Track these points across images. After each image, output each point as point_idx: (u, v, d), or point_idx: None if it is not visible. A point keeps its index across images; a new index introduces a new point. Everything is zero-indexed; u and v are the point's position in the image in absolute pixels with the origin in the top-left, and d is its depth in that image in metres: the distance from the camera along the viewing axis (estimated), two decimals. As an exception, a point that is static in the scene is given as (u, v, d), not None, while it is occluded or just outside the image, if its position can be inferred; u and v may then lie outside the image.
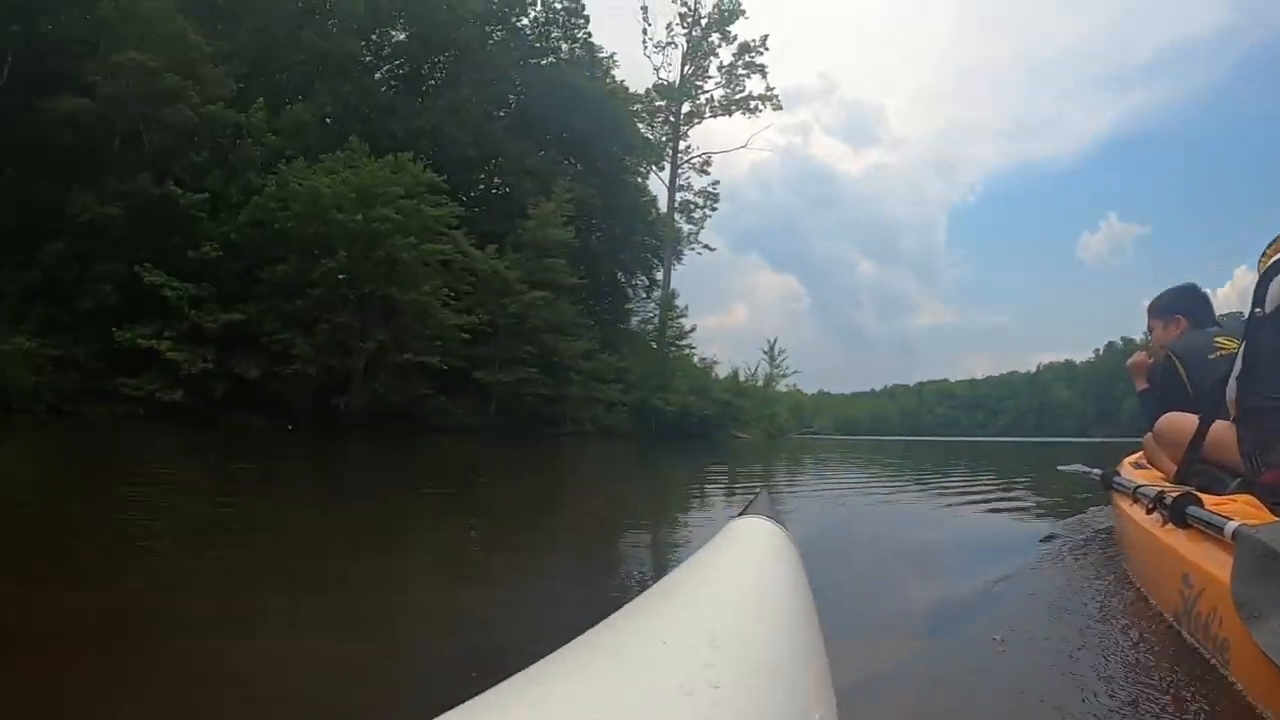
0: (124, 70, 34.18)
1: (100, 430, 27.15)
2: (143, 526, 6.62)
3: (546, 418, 44.62)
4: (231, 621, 3.75)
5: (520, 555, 6.04)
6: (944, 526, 8.50)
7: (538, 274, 44.43)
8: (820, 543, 6.55)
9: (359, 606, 4.25)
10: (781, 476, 16.78)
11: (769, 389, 64.30)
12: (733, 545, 1.69)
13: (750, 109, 62.03)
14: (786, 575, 1.52)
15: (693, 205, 62.83)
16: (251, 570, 5.08)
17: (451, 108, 48.10)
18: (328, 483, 13.63)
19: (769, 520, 1.95)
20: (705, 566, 1.47)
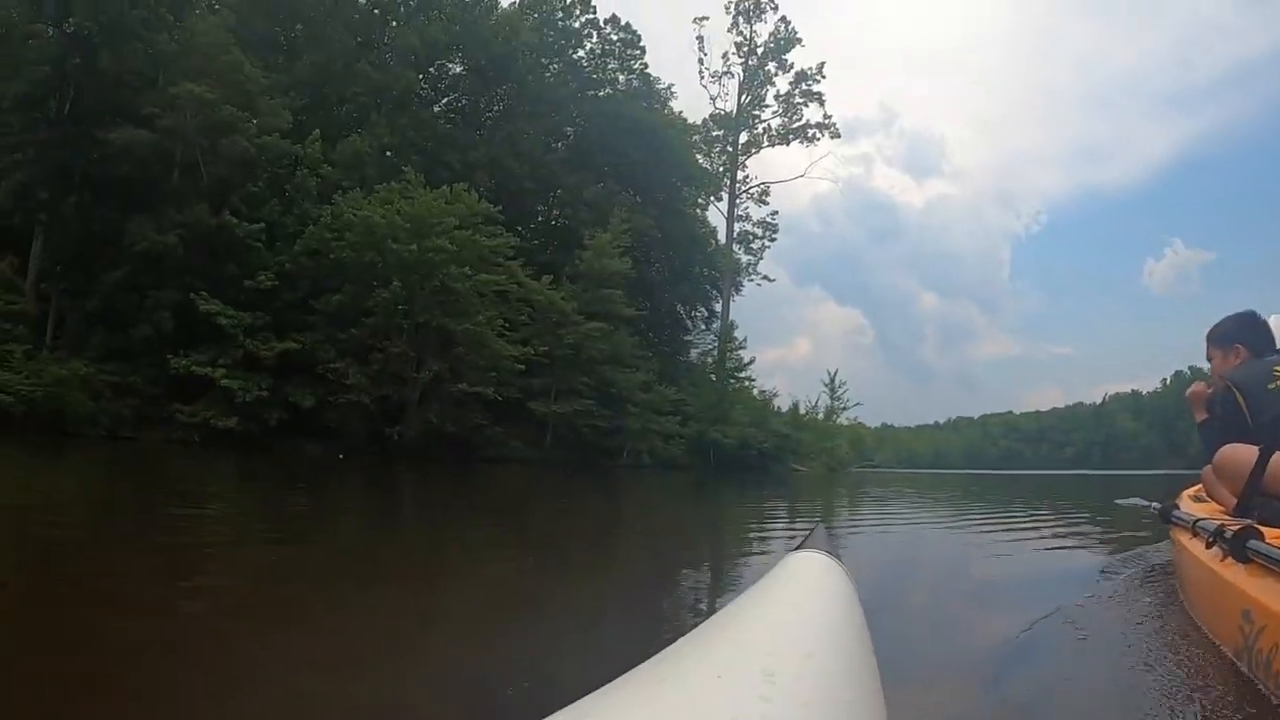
0: (182, 102, 34.18)
1: (156, 456, 26.97)
2: (196, 553, 6.79)
3: (604, 449, 43.53)
4: (282, 653, 3.80)
5: (575, 587, 6.13)
6: (1002, 561, 8.32)
7: (595, 305, 43.53)
8: (879, 577, 6.62)
9: (409, 636, 4.31)
10: (841, 511, 16.66)
11: (830, 422, 62.34)
12: (789, 579, 1.67)
13: (808, 138, 61.12)
14: (843, 611, 1.48)
15: (751, 236, 61.84)
16: (303, 600, 5.15)
17: (509, 140, 47.66)
18: (381, 512, 13.67)
19: (826, 555, 1.90)
20: (761, 600, 1.45)
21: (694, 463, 46.17)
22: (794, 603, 1.46)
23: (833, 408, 62.65)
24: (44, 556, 6.48)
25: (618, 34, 52.74)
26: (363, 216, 36.00)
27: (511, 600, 5.50)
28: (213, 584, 5.53)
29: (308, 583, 5.80)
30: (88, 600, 4.66)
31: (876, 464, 78.82)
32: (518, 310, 41.40)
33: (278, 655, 3.72)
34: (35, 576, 5.74)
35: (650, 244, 51.43)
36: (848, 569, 1.87)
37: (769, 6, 60.20)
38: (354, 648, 3.96)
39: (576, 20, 52.46)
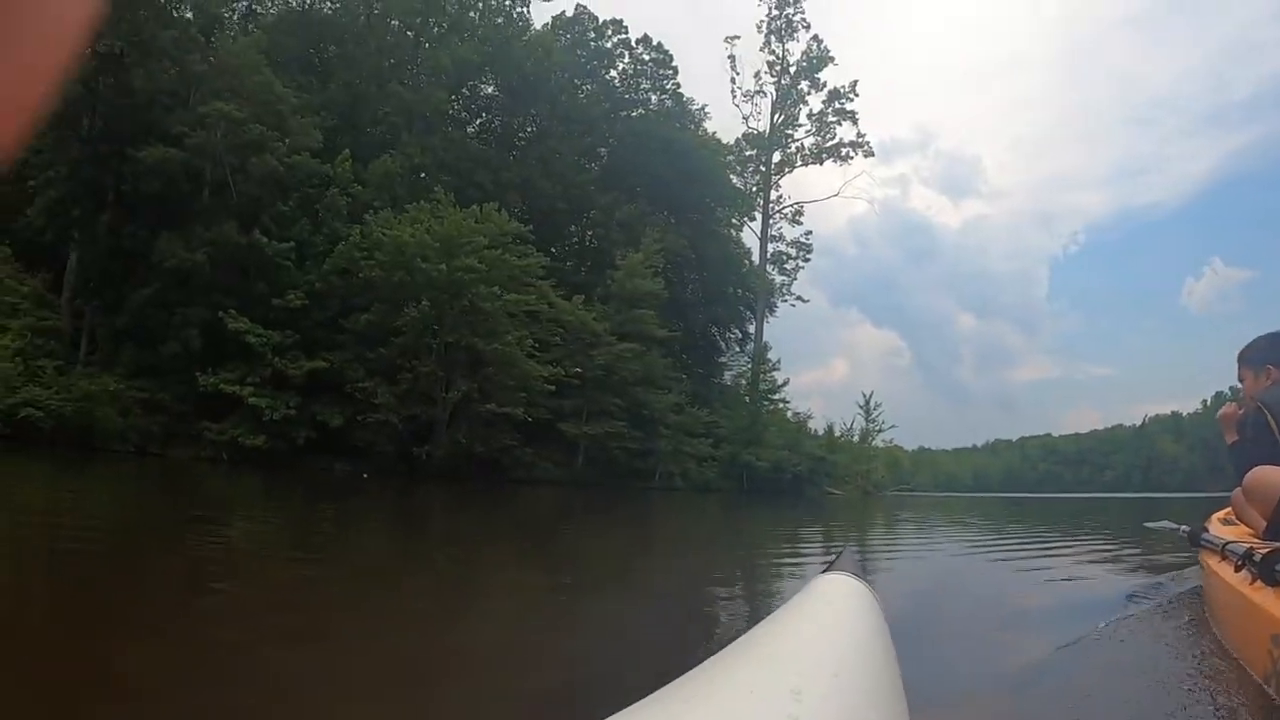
0: (212, 121, 33.92)
1: (184, 472, 26.91)
2: (224, 572, 6.91)
3: (635, 471, 42.52)
4: (311, 672, 3.85)
5: (604, 612, 6.05)
6: (1033, 584, 8.41)
7: (627, 325, 42.66)
8: (909, 602, 6.70)
9: (438, 660, 4.35)
10: (874, 536, 16.67)
11: (865, 444, 60.68)
12: (817, 601, 1.69)
13: (842, 156, 59.68)
14: (870, 632, 1.50)
15: (785, 256, 60.40)
16: (330, 618, 5.23)
17: (541, 160, 47.12)
18: (409, 532, 13.71)
19: (853, 577, 1.93)
20: (790, 621, 1.47)
21: (727, 485, 45.02)
22: (822, 623, 1.46)
23: (868, 430, 60.98)
24: (71, 569, 6.68)
25: (649, 54, 52.18)
26: (392, 236, 35.45)
27: (541, 623, 5.50)
28: (239, 600, 5.66)
29: (334, 601, 5.89)
30: (111, 612, 4.89)
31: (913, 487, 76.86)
32: (549, 331, 40.67)
33: (306, 675, 3.77)
34: (62, 589, 5.95)
35: (683, 264, 50.56)
36: (875, 591, 1.88)
37: (801, 25, 59.30)
38: (383, 669, 3.96)
39: (609, 41, 52.03)
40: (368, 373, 35.94)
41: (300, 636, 4.57)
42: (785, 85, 58.44)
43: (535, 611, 5.81)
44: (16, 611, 4.99)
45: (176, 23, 35.29)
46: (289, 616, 5.20)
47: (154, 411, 34.54)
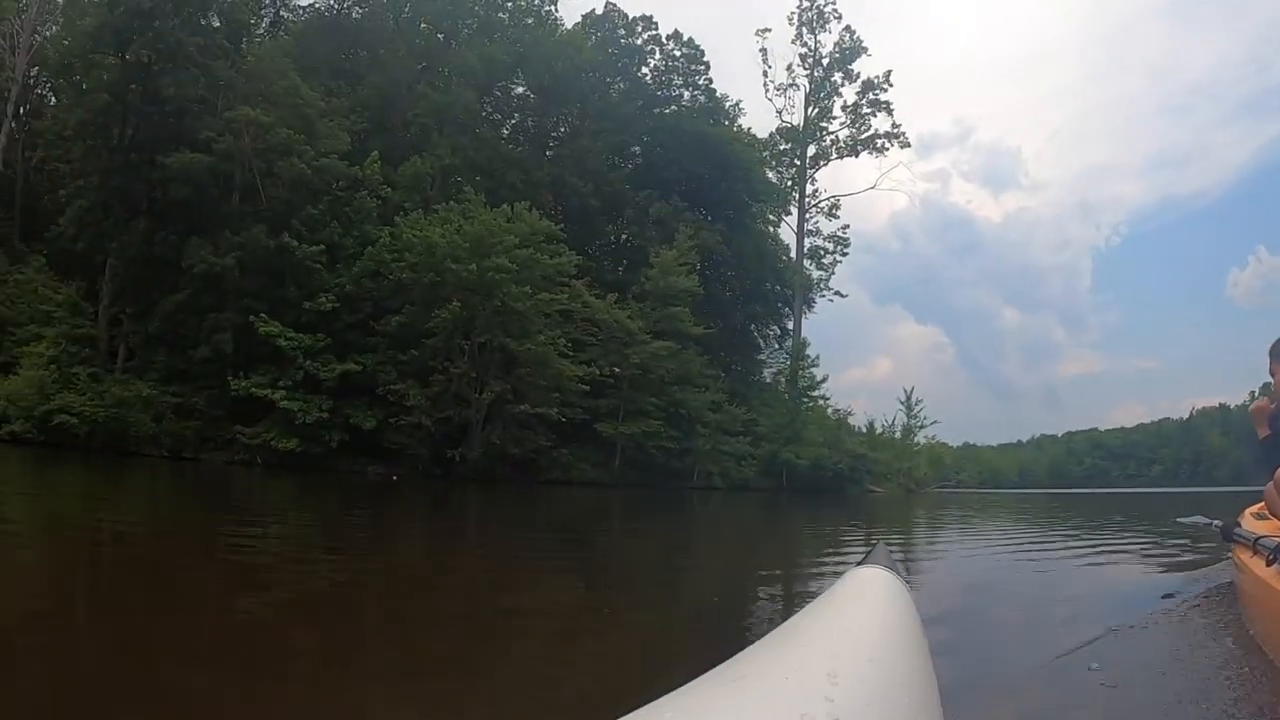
0: (238, 126, 33.42)
1: (216, 476, 26.50)
2: (256, 571, 7.08)
3: (673, 471, 41.38)
4: (347, 680, 3.95)
5: (640, 621, 5.96)
6: (1068, 579, 8.48)
7: (662, 323, 41.57)
8: (947, 594, 6.95)
9: (471, 674, 4.23)
10: (915, 533, 16.82)
11: (907, 441, 58.92)
12: (852, 592, 1.73)
13: (877, 148, 57.94)
14: (902, 622, 1.54)
15: (822, 251, 58.89)
16: (361, 621, 5.38)
17: (573, 158, 46.20)
18: (439, 537, 13.62)
19: (886, 570, 1.95)
20: (826, 611, 1.50)
21: (766, 484, 43.77)
22: (856, 613, 1.51)
23: (909, 426, 59.24)
24: (109, 571, 6.96)
25: (680, 49, 50.94)
26: (422, 237, 34.74)
27: (575, 634, 5.40)
28: (274, 602, 5.71)
29: (367, 605, 5.93)
30: (146, 618, 4.97)
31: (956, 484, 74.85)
32: (584, 330, 39.75)
33: (341, 682, 3.85)
34: (100, 591, 6.11)
35: (719, 261, 49.39)
36: (907, 583, 1.93)
37: (832, 16, 57.67)
38: (416, 681, 3.97)
39: (639, 37, 50.92)
40: (400, 375, 35.24)
41: (332, 644, 4.62)
42: (818, 77, 56.77)
43: (569, 623, 5.68)
44: (54, 616, 5.04)
45: (203, 30, 34.80)
46: (321, 623, 5.24)
47: (187, 416, 34.20)
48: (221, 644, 4.32)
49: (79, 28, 36.13)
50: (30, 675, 3.82)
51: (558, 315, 37.68)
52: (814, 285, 57.16)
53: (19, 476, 19.41)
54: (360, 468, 34.38)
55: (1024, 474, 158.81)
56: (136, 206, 35.01)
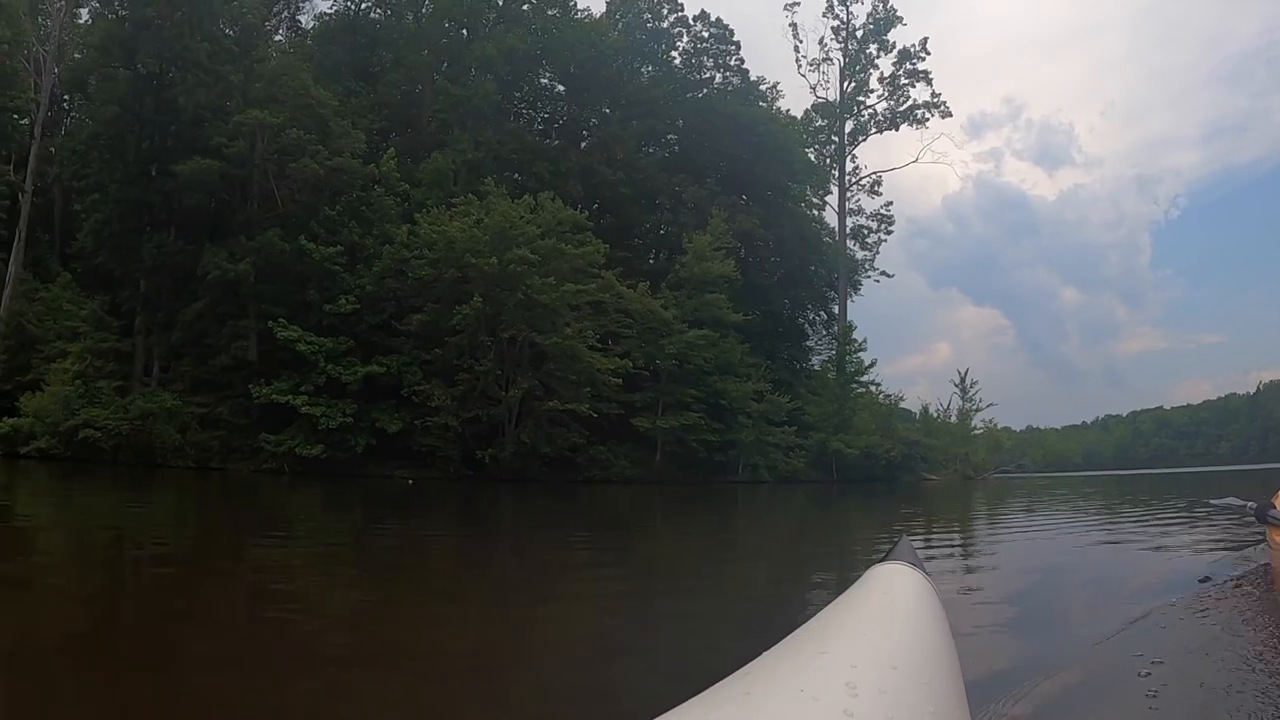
0: (247, 129, 31.86)
1: (240, 486, 26.03)
2: (285, 580, 7.36)
3: (717, 465, 38.89)
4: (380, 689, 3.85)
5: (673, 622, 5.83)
6: (1109, 564, 8.52)
7: (699, 311, 39.02)
8: (974, 588, 6.95)
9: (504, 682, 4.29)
10: (965, 524, 16.44)
11: (963, 425, 55.34)
12: (873, 592, 1.60)
13: (917, 119, 54.20)
14: (928, 623, 1.43)
15: (866, 230, 55.49)
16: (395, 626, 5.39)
17: (603, 147, 43.99)
18: (469, 540, 13.18)
19: (911, 567, 1.82)
20: (845, 614, 1.39)
21: (816, 476, 41.03)
22: (878, 615, 1.40)
23: (965, 410, 55.62)
24: (139, 584, 7.19)
25: (708, 30, 48.21)
26: (441, 232, 32.81)
27: (608, 637, 5.31)
28: (300, 618, 5.60)
29: (398, 616, 5.78)
30: (178, 626, 5.20)
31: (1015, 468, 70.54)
32: (617, 322, 37.51)
33: (372, 687, 3.83)
34: (129, 602, 6.38)
35: (759, 245, 46.67)
36: (933, 581, 1.80)
37: (865, -15, 54.24)
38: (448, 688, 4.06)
39: (665, 20, 48.33)
40: (425, 375, 33.38)
41: (360, 651, 4.62)
42: (852, 50, 53.16)
43: (603, 627, 5.55)
44: (88, 632, 5.02)
45: (211, 36, 33.34)
46: (347, 632, 5.26)
47: (212, 426, 32.79)
48: (249, 655, 4.36)
49: (87, 42, 35.12)
50: (67, 691, 3.85)
51: (588, 307, 35.52)
52: (858, 266, 54.09)
53: (48, 492, 19.48)
54: (388, 472, 32.62)
55: (1088, 456, 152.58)
56: (153, 217, 33.73)
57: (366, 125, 36.78)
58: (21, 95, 38.04)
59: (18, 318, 34.60)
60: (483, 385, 33.01)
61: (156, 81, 33.04)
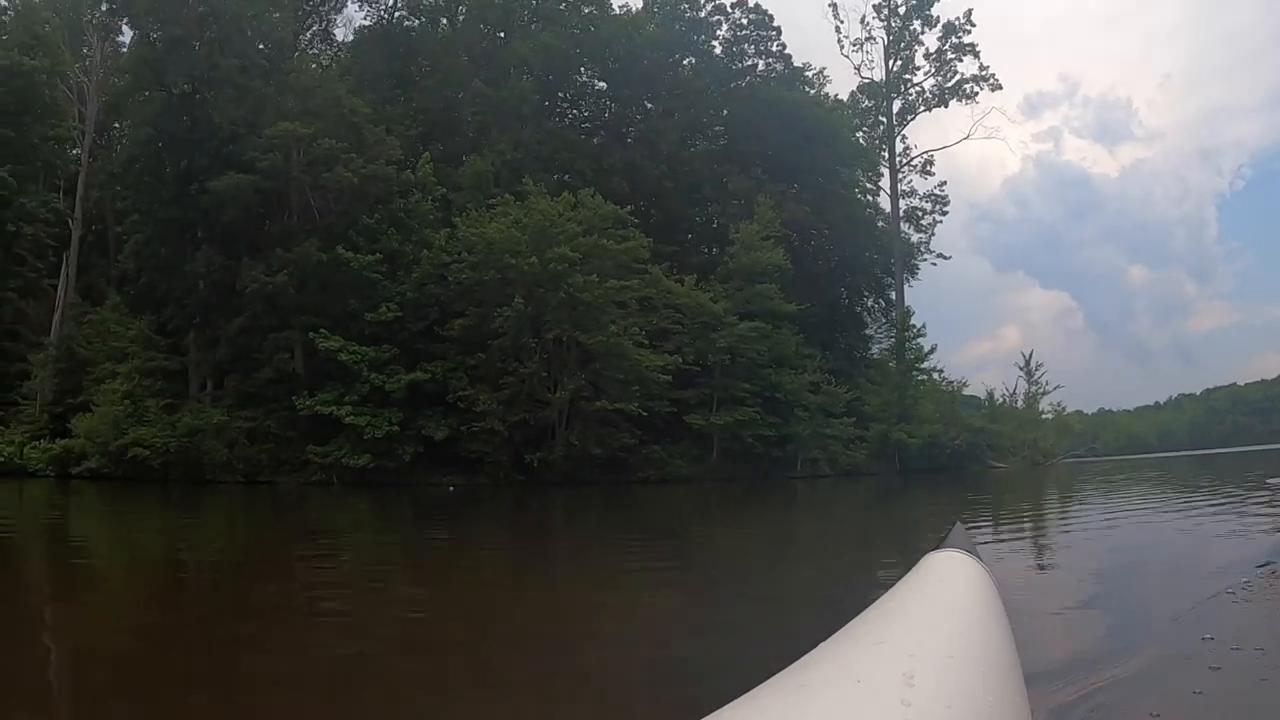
0: (279, 141, 31.07)
1: (286, 500, 25.73)
2: (335, 593, 7.38)
3: (775, 460, 37.00)
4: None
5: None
6: (1170, 550, 8.20)
7: (750, 303, 37.12)
8: (1030, 576, 6.94)
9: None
10: (1042, 513, 15.95)
11: (1030, 410, 52.51)
12: (928, 580, 1.58)
13: (966, 94, 50.72)
14: (984, 610, 1.41)
15: (920, 212, 52.53)
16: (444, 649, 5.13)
17: (644, 141, 42.48)
18: (519, 547, 12.99)
19: (965, 554, 1.80)
20: (901, 602, 1.38)
21: (878, 468, 38.94)
22: (934, 604, 1.37)
23: (1031, 393, 52.71)
24: (192, 597, 7.54)
25: (747, 17, 46.32)
26: (479, 234, 31.65)
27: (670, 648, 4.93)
28: (354, 626, 5.78)
29: (448, 635, 5.60)
30: (230, 638, 5.27)
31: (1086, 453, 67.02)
32: (667, 318, 35.98)
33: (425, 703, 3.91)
34: (185, 615, 6.52)
35: (810, 233, 44.57)
36: (988, 567, 1.77)
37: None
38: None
39: (702, 10, 46.57)
40: (470, 380, 32.23)
41: (412, 668, 4.56)
42: (895, 27, 50.27)
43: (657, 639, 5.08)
44: (142, 649, 5.16)
45: (240, 52, 32.69)
46: (400, 642, 5.19)
47: (259, 440, 32.11)
48: (303, 671, 4.38)
49: (120, 66, 34.93)
50: (123, 706, 3.95)
51: (635, 304, 34.07)
52: (914, 249, 51.62)
53: (99, 512, 19.86)
54: (437, 480, 31.57)
55: (1162, 437, 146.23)
56: (194, 235, 33.29)
57: (403, 132, 35.85)
58: (63, 124, 38.06)
59: (68, 341, 34.55)
60: (529, 388, 31.73)
61: (190, 101, 32.52)
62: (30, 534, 14.05)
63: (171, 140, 32.93)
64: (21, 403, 34.38)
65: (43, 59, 36.90)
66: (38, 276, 37.16)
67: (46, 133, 37.51)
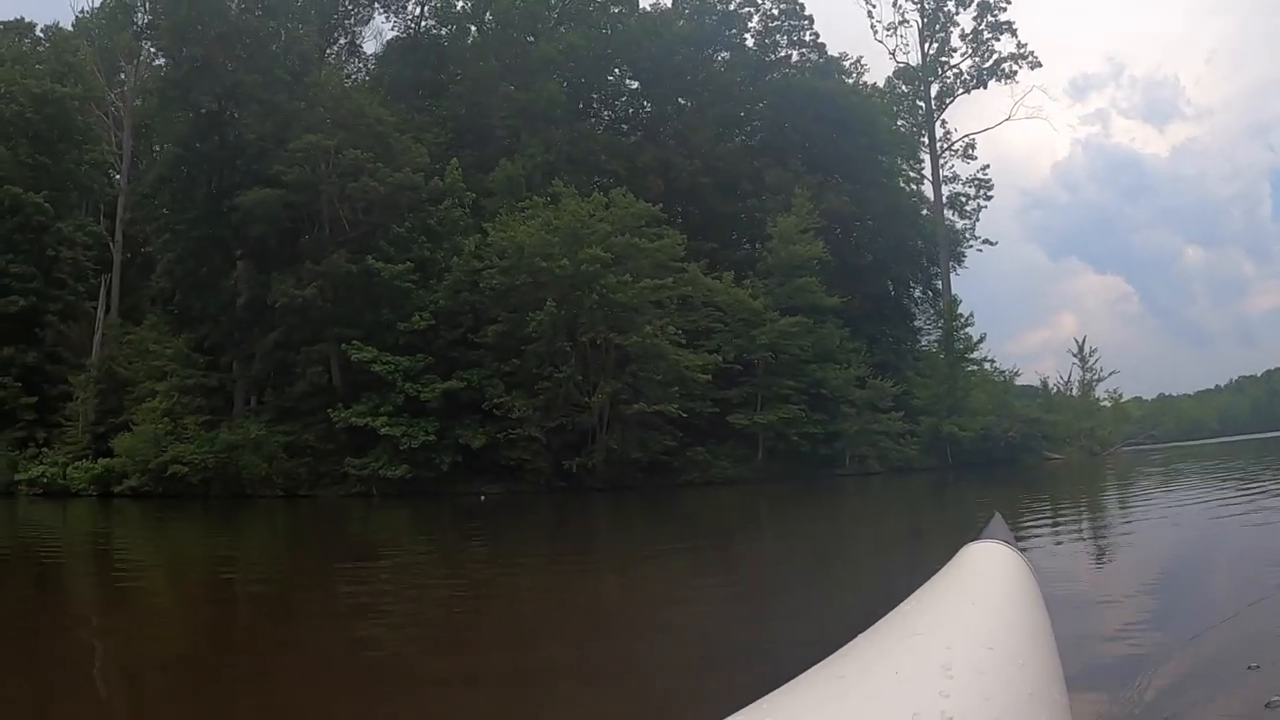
0: (304, 154, 30.54)
1: (323, 513, 25.62)
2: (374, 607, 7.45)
3: (822, 459, 35.58)
4: None
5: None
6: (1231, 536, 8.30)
7: (793, 297, 35.78)
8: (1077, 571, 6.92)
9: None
10: (1102, 505, 15.59)
11: (1086, 398, 50.19)
12: (966, 571, 1.58)
13: (1006, 74, 48.59)
14: (1023, 601, 1.40)
15: (963, 197, 50.17)
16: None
17: (678, 138, 41.37)
18: (560, 553, 12.89)
19: (1004, 545, 1.77)
20: (939, 593, 1.38)
21: (930, 463, 37.33)
22: (972, 595, 1.36)
23: (1085, 380, 50.39)
24: (235, 613, 7.73)
25: (778, 8, 44.92)
26: (509, 238, 30.78)
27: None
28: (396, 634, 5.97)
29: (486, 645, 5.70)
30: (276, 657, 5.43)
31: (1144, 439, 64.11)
32: (708, 316, 34.82)
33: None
34: (228, 630, 6.70)
35: (851, 224, 42.98)
36: (1027, 558, 1.72)
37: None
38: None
39: (732, 3, 45.20)
40: (507, 387, 31.36)
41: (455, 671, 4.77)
42: (930, 9, 48.50)
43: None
44: (190, 660, 5.44)
45: (262, 67, 32.25)
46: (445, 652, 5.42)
47: (298, 454, 31.57)
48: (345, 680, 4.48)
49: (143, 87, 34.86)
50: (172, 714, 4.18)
51: (672, 303, 32.98)
52: (959, 236, 49.72)
53: (140, 529, 20.14)
54: (476, 489, 30.73)
55: (1224, 421, 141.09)
56: (228, 252, 32.94)
57: (432, 140, 35.17)
58: (98, 148, 38.16)
59: (108, 362, 34.41)
60: (565, 392, 30.73)
61: (217, 119, 32.32)
62: (76, 554, 14.84)
63: (201, 159, 32.64)
64: (65, 424, 34.30)
65: (74, 85, 36.98)
66: (77, 299, 37.18)
67: (82, 158, 37.58)
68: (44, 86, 36.07)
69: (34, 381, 34.97)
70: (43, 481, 31.96)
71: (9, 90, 36.08)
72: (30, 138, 36.40)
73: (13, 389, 34.31)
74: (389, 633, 5.93)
